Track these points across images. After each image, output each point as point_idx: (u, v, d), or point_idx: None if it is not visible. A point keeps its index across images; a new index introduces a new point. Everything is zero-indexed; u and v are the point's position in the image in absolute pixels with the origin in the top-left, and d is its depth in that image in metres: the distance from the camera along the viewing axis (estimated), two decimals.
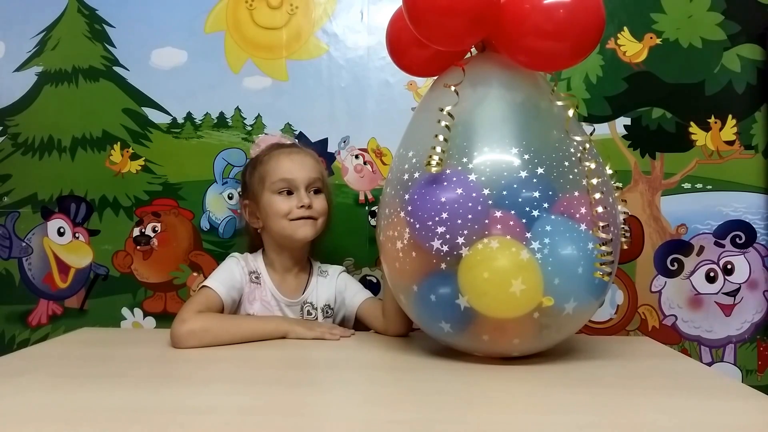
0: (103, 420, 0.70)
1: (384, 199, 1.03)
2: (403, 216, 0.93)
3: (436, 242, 0.88)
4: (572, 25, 0.89)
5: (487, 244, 0.87)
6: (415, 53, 1.03)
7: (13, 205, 1.52)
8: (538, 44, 0.92)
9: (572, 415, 0.74)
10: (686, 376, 0.96)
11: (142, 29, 1.50)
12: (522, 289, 0.86)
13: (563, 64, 1.09)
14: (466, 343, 0.97)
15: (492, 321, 0.91)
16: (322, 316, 1.27)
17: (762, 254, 1.45)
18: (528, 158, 0.89)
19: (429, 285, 0.93)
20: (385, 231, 0.99)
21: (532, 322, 0.90)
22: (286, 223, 1.21)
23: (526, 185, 0.88)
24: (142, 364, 1.00)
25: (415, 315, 1.01)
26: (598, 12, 0.91)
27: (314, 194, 1.24)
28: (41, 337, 1.49)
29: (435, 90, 1.05)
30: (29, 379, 0.86)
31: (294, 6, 1.49)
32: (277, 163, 1.24)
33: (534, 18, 0.90)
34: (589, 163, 0.91)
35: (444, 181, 0.90)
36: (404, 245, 0.93)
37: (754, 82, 1.44)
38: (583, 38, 0.91)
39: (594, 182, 0.90)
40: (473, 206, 0.88)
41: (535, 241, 0.86)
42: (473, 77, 0.96)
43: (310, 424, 0.71)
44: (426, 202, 0.90)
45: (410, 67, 1.10)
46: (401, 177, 0.97)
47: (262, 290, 1.24)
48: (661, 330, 1.45)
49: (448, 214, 0.88)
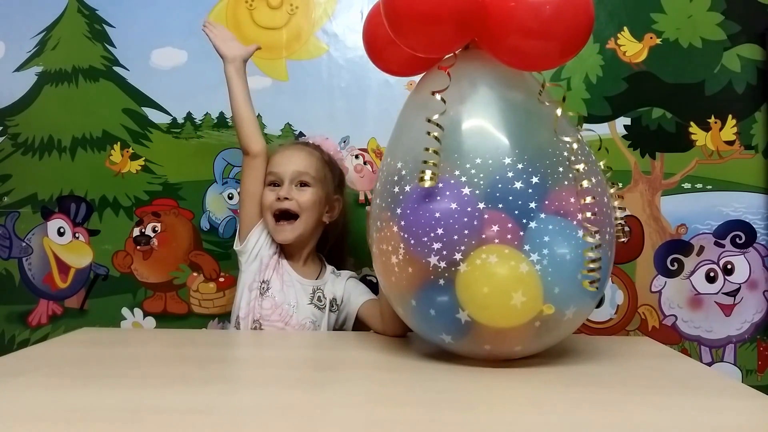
0: (103, 420, 0.70)
1: (374, 210, 0.99)
2: (397, 231, 0.90)
3: (433, 258, 0.86)
4: (560, 23, 0.85)
5: (485, 259, 0.85)
6: (393, 53, 0.98)
7: (13, 205, 1.52)
8: (524, 43, 0.88)
9: (572, 415, 0.74)
10: (686, 376, 0.96)
11: (142, 29, 1.50)
12: (522, 301, 0.85)
13: (551, 64, 1.05)
14: (467, 352, 0.96)
15: (493, 330, 0.90)
16: (329, 308, 1.29)
17: (762, 254, 1.45)
18: (521, 168, 0.86)
19: (427, 299, 0.91)
20: (378, 244, 0.96)
21: (533, 329, 0.89)
22: (271, 220, 1.27)
23: (522, 195, 0.85)
24: (142, 364, 1.00)
25: (415, 326, 0.99)
26: (586, 9, 0.86)
27: (300, 187, 1.26)
28: (41, 337, 1.49)
29: (418, 93, 0.99)
30: (29, 379, 0.86)
31: (294, 6, 1.49)
32: (273, 158, 1.30)
33: (519, 16, 0.85)
34: (579, 165, 0.88)
35: (437, 194, 0.86)
36: (399, 260, 0.90)
37: (754, 82, 1.44)
38: (572, 36, 0.87)
39: (584, 185, 0.87)
40: (469, 220, 0.85)
41: (533, 253, 0.84)
42: (458, 78, 0.91)
43: (310, 424, 0.71)
44: (420, 217, 0.87)
45: (389, 68, 1.05)
46: (391, 189, 0.93)
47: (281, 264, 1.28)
48: (661, 330, 1.45)
49: (443, 230, 0.85)
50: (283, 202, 1.25)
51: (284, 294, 1.25)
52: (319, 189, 1.28)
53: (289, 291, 1.26)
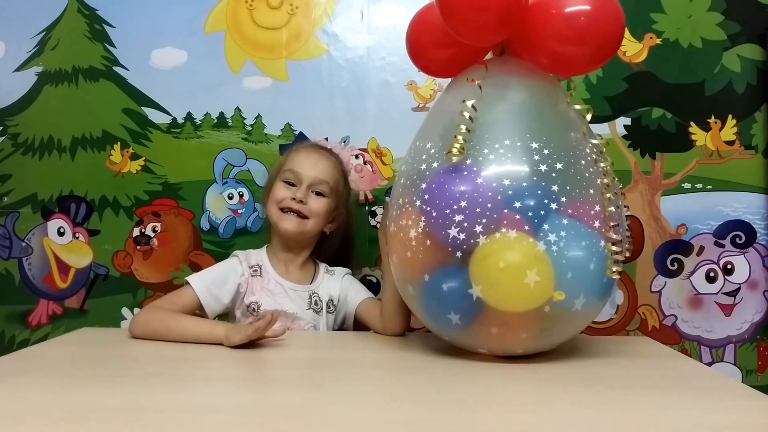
0: (103, 420, 0.70)
1: (396, 190, 1.04)
2: (419, 204, 0.94)
3: (453, 230, 0.89)
4: (592, 32, 0.93)
5: (504, 233, 0.88)
6: (434, 54, 1.07)
7: (13, 205, 1.52)
8: (559, 49, 0.96)
9: (572, 414, 0.74)
10: (686, 376, 0.96)
11: (142, 29, 1.50)
12: (536, 281, 0.87)
13: (583, 69, 1.13)
14: (473, 338, 0.97)
15: (501, 314, 0.91)
16: (326, 310, 1.28)
17: (762, 254, 1.45)
18: (548, 153, 0.92)
19: (441, 274, 0.93)
20: (397, 221, 0.99)
21: (541, 316, 0.90)
22: (276, 210, 1.26)
23: (545, 178, 0.90)
24: (142, 364, 1.00)
25: (423, 307, 1.00)
26: (617, 20, 0.95)
27: (316, 195, 1.26)
28: (41, 337, 1.49)
29: (452, 89, 1.07)
30: (29, 379, 0.86)
31: (294, 6, 1.49)
32: (296, 155, 1.30)
33: (557, 24, 0.94)
34: (605, 164, 0.95)
35: (464, 170, 0.92)
36: (418, 234, 0.94)
37: (754, 82, 1.44)
38: (603, 45, 0.95)
39: (607, 182, 0.93)
40: (492, 196, 0.89)
41: (551, 234, 0.88)
42: (492, 78, 0.99)
43: (310, 424, 0.71)
44: (444, 190, 0.92)
45: (428, 67, 1.13)
46: (418, 167, 0.98)
47: (264, 280, 1.26)
48: (661, 330, 1.45)
49: (467, 203, 0.89)
50: (297, 203, 1.24)
51: (279, 305, 1.23)
52: (332, 200, 1.28)
53: (284, 301, 1.25)
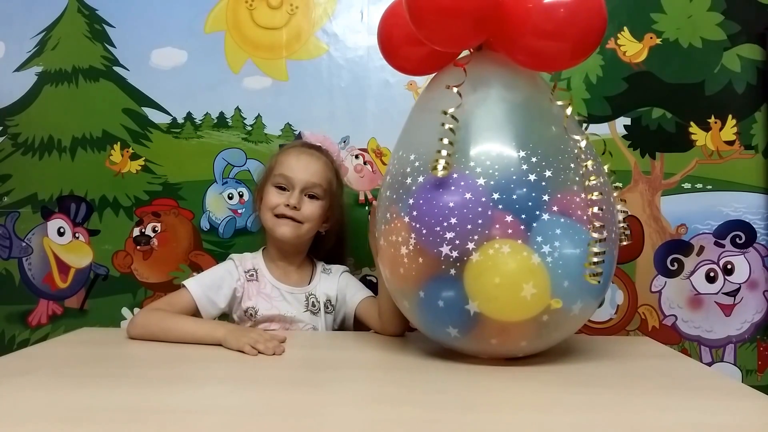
0: (103, 420, 0.70)
1: (382, 202, 1.00)
2: (408, 221, 0.91)
3: (445, 248, 0.87)
4: (573, 26, 0.88)
5: (498, 249, 0.86)
6: (408, 51, 1.02)
7: (13, 205, 1.52)
8: (538, 44, 0.91)
9: (572, 415, 0.74)
10: (686, 376, 0.96)
11: (142, 29, 1.50)
12: (533, 293, 0.86)
13: (563, 65, 1.09)
14: (473, 347, 0.96)
15: (500, 324, 0.90)
16: (324, 310, 1.28)
17: (762, 254, 1.45)
18: (536, 161, 0.88)
19: (436, 290, 0.91)
20: (386, 236, 0.97)
21: (539, 324, 0.89)
22: (271, 217, 1.25)
23: (535, 188, 0.87)
24: (142, 364, 1.00)
25: (421, 320, 0.99)
26: (599, 13, 0.90)
27: (309, 198, 1.25)
28: (41, 337, 1.49)
29: (433, 89, 1.03)
30: (29, 379, 0.86)
31: (294, 6, 1.49)
32: (286, 158, 1.27)
33: (534, 17, 0.88)
34: (587, 162, 0.91)
35: (451, 185, 0.88)
36: (409, 251, 0.91)
37: (754, 82, 1.44)
38: (584, 39, 0.90)
39: (591, 181, 0.90)
40: (482, 210, 0.86)
41: (545, 245, 0.86)
42: (472, 77, 0.94)
43: (309, 424, 0.71)
44: (433, 207, 0.89)
45: (403, 66, 1.08)
46: (403, 181, 0.95)
47: (260, 284, 1.26)
48: (661, 330, 1.45)
49: (457, 219, 0.87)
50: (291, 210, 1.23)
51: (276, 309, 1.24)
52: (326, 202, 1.27)
53: (281, 305, 1.24)
